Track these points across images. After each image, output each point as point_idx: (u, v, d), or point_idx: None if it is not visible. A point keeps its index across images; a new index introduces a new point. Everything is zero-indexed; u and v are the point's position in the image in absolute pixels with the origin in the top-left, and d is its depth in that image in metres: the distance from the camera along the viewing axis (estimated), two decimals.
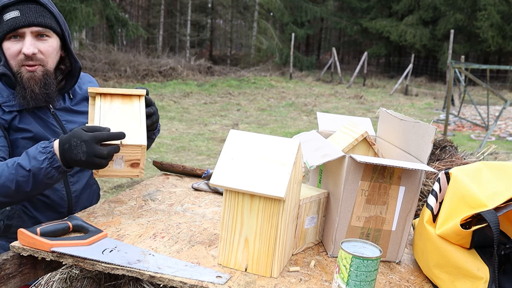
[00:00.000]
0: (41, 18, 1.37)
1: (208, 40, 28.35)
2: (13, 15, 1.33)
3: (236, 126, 8.69)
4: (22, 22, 1.34)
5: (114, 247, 1.10)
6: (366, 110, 11.47)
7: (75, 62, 1.53)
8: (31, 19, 1.36)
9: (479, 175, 1.05)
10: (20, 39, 1.37)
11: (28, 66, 1.39)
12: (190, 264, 1.07)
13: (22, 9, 1.34)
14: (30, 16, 1.35)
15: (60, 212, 1.52)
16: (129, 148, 1.29)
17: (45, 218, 1.47)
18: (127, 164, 1.34)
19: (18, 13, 1.33)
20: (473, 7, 20.16)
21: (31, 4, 1.36)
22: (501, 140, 8.59)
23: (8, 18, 1.34)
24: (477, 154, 2.04)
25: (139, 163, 1.35)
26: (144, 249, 1.12)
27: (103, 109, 1.33)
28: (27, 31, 1.36)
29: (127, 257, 1.06)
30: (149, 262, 1.04)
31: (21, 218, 1.44)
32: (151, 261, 1.05)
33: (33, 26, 1.36)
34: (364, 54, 17.98)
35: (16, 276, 1.10)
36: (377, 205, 1.15)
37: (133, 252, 1.09)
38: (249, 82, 15.92)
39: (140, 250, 1.11)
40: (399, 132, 1.33)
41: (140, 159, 1.35)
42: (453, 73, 8.29)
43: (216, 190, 1.65)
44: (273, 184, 0.98)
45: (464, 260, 0.98)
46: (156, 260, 1.06)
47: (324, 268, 1.12)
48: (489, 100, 10.90)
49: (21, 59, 1.38)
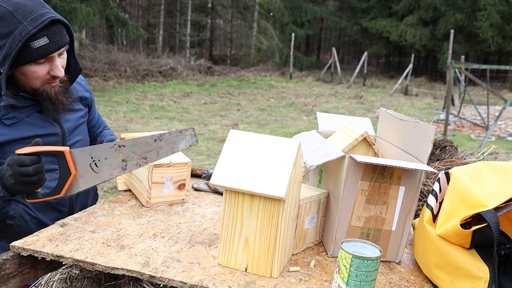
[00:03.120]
0: (64, 38, 1.39)
1: (208, 40, 28.35)
2: (43, 42, 1.32)
3: (236, 126, 8.69)
4: (53, 48, 1.35)
5: (91, 160, 1.20)
6: (366, 110, 11.47)
7: (76, 63, 1.54)
8: (59, 43, 1.37)
9: (479, 175, 1.05)
10: (46, 62, 1.38)
11: (52, 83, 1.42)
12: (157, 136, 1.24)
13: (50, 35, 1.33)
14: (58, 40, 1.36)
15: (62, 211, 1.52)
16: (177, 167, 1.42)
17: (47, 218, 1.48)
18: (175, 187, 1.45)
19: (47, 40, 1.33)
20: (473, 7, 20.15)
21: (54, 26, 1.35)
22: (501, 140, 8.59)
23: (38, 46, 1.32)
24: (477, 154, 2.04)
25: (185, 184, 1.47)
26: (112, 143, 1.23)
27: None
28: (55, 54, 1.38)
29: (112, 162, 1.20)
30: (131, 157, 1.23)
31: (23, 218, 1.44)
32: (129, 153, 1.22)
33: (60, 49, 1.39)
34: (364, 54, 17.97)
35: (16, 276, 1.10)
36: (377, 205, 1.15)
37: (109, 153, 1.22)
38: (249, 82, 15.92)
39: (110, 144, 1.22)
40: (399, 132, 1.33)
41: (186, 179, 1.46)
42: (453, 73, 8.29)
43: (216, 190, 1.65)
44: (273, 184, 0.98)
45: (464, 260, 0.98)
46: (131, 149, 1.21)
47: (324, 268, 1.12)
48: (489, 100, 10.90)
49: (47, 79, 1.40)
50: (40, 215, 1.47)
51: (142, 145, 1.25)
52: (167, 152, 1.28)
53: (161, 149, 1.27)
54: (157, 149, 1.27)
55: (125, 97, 11.02)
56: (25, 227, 1.45)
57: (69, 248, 1.09)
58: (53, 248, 1.08)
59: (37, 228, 1.44)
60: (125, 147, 1.24)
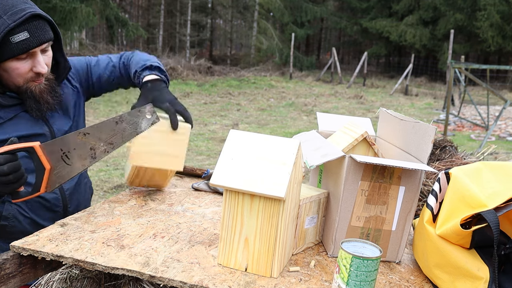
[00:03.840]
0: (46, 34, 1.36)
1: (208, 40, 28.35)
2: (23, 37, 1.29)
3: (236, 126, 8.69)
4: (34, 43, 1.32)
5: (61, 152, 1.19)
6: (366, 110, 11.47)
7: (65, 61, 1.51)
8: (41, 38, 1.33)
9: (479, 175, 1.05)
10: (28, 58, 1.35)
11: (36, 81, 1.39)
12: (118, 118, 1.24)
13: (30, 29, 1.30)
14: (39, 35, 1.33)
15: (55, 211, 1.51)
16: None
17: (40, 218, 1.47)
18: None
19: (27, 34, 1.30)
20: (473, 7, 20.15)
21: (36, 21, 1.32)
22: (501, 140, 8.59)
23: (18, 41, 1.29)
24: (477, 154, 2.04)
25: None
26: (77, 132, 1.21)
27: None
28: (37, 50, 1.35)
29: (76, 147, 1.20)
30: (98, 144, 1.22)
31: (17, 219, 1.44)
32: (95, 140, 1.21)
33: (42, 44, 1.35)
34: (364, 54, 17.97)
35: (16, 276, 1.10)
36: (377, 205, 1.15)
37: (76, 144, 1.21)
38: (249, 82, 15.92)
39: (74, 135, 1.20)
40: (399, 132, 1.33)
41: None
42: (453, 73, 8.29)
43: (216, 190, 1.65)
44: (273, 184, 0.98)
45: (464, 260, 0.98)
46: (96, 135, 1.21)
47: (324, 268, 1.12)
48: (489, 100, 10.89)
49: (31, 77, 1.38)
50: (34, 215, 1.47)
51: (106, 130, 1.23)
52: (131, 134, 1.26)
53: (125, 131, 1.26)
54: (121, 132, 1.25)
55: (125, 97, 11.02)
56: (20, 227, 1.44)
57: (69, 248, 1.09)
58: (53, 248, 1.08)
59: (32, 228, 1.43)
60: (90, 134, 1.22)
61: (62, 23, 12.17)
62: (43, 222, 1.46)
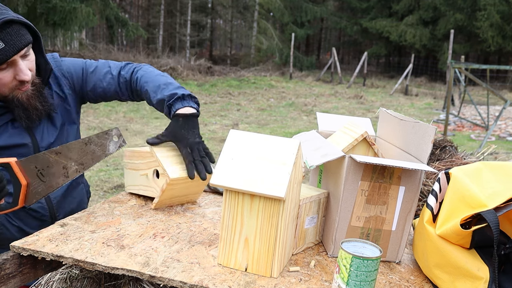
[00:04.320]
0: (23, 39, 1.28)
1: (208, 40, 28.35)
2: None
3: (236, 126, 8.68)
4: (10, 52, 1.25)
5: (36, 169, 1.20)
6: (366, 110, 11.47)
7: (46, 63, 1.43)
8: (18, 45, 1.26)
9: (479, 175, 1.05)
10: (8, 67, 1.28)
11: (22, 88, 1.34)
12: (86, 139, 1.27)
13: (4, 38, 1.23)
14: (15, 42, 1.25)
15: (43, 220, 1.49)
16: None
17: (28, 227, 1.46)
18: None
19: (2, 44, 1.22)
20: (473, 7, 20.15)
21: (9, 28, 1.24)
22: (501, 140, 8.59)
23: None
24: (477, 154, 2.04)
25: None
26: (49, 151, 1.22)
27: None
28: (17, 58, 1.28)
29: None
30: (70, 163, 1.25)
31: (5, 226, 1.43)
32: (66, 160, 1.24)
33: (20, 51, 1.28)
34: (364, 54, 17.97)
35: (16, 276, 1.10)
36: (377, 205, 1.15)
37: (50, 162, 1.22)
38: (249, 82, 15.92)
39: (46, 153, 1.21)
40: (399, 132, 1.33)
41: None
42: (453, 73, 8.29)
43: (216, 190, 1.66)
44: (273, 184, 0.98)
45: (464, 260, 0.98)
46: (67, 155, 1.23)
47: (324, 268, 1.12)
48: (489, 100, 10.90)
49: (15, 85, 1.32)
50: (21, 224, 1.46)
51: (76, 150, 1.26)
52: (100, 156, 1.29)
53: (94, 153, 1.29)
54: (91, 153, 1.28)
55: None
56: (8, 234, 1.43)
57: (69, 248, 1.09)
58: (53, 248, 1.08)
59: (20, 235, 1.42)
60: (62, 154, 1.24)
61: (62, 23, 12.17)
62: (30, 230, 1.45)
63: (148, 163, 1.41)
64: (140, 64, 1.62)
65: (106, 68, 1.58)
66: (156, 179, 1.40)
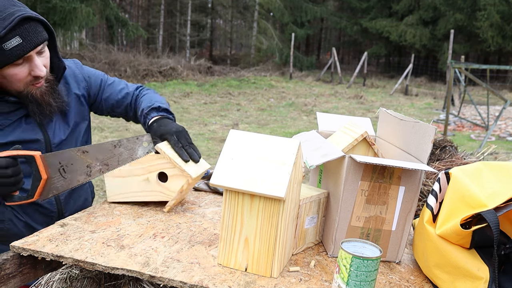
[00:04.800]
0: (40, 36, 1.31)
1: (208, 40, 28.35)
2: (16, 42, 1.25)
3: (236, 126, 8.68)
4: (28, 47, 1.28)
5: (59, 164, 1.22)
6: (366, 110, 11.47)
7: (59, 61, 1.46)
8: (35, 41, 1.29)
9: (479, 175, 1.05)
10: (25, 62, 1.31)
11: (36, 84, 1.36)
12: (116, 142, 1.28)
13: (22, 34, 1.26)
14: (32, 39, 1.28)
15: (50, 216, 1.50)
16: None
17: (35, 222, 1.47)
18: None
19: (20, 40, 1.25)
20: (473, 7, 20.15)
21: (27, 24, 1.27)
22: (501, 140, 8.59)
23: (11, 47, 1.24)
24: (477, 154, 2.04)
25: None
26: (77, 149, 1.25)
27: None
28: (33, 54, 1.31)
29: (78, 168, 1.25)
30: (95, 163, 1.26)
31: (12, 221, 1.44)
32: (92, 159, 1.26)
33: (37, 47, 1.31)
34: (364, 54, 17.97)
35: (16, 276, 1.10)
36: (377, 205, 1.15)
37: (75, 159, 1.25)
38: (249, 82, 15.92)
39: (74, 151, 1.24)
40: (399, 132, 1.33)
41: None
42: (453, 73, 8.29)
43: (216, 190, 1.66)
44: (273, 184, 0.98)
45: (464, 260, 0.98)
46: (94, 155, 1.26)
47: (324, 268, 1.12)
48: (489, 100, 10.90)
49: (30, 80, 1.35)
50: (28, 219, 1.46)
51: (104, 151, 1.28)
52: (126, 159, 1.31)
53: (121, 155, 1.30)
54: (118, 156, 1.30)
55: None
56: (15, 230, 1.44)
57: (69, 248, 1.09)
58: (53, 248, 1.08)
59: (27, 231, 1.43)
60: (89, 153, 1.27)
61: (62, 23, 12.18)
62: (37, 226, 1.46)
63: (149, 168, 1.40)
64: (149, 88, 1.75)
65: (122, 85, 1.70)
66: (160, 182, 1.40)
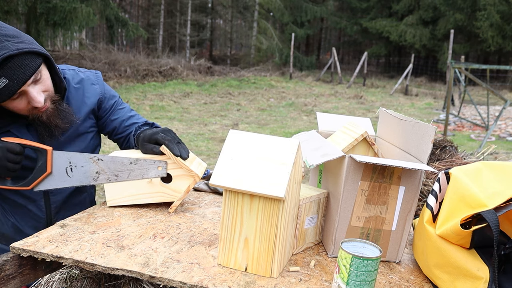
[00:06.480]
0: (28, 69, 1.23)
1: (208, 40, 28.36)
2: (2, 84, 1.19)
3: (236, 126, 8.68)
4: (16, 86, 1.22)
5: (69, 164, 1.26)
6: (366, 110, 11.47)
7: (60, 81, 1.41)
8: (22, 78, 1.22)
9: (479, 175, 1.05)
10: (21, 96, 1.28)
11: (41, 109, 1.33)
12: (134, 160, 1.30)
13: (7, 74, 1.20)
14: (19, 76, 1.21)
15: (39, 222, 1.50)
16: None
17: (23, 225, 1.47)
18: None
19: (6, 80, 1.19)
20: (473, 7, 20.15)
21: (10, 63, 1.20)
22: (501, 140, 8.58)
23: None
24: (477, 154, 2.04)
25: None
26: (92, 155, 1.28)
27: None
28: (25, 88, 1.25)
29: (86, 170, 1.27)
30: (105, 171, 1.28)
31: (0, 221, 1.44)
32: (104, 167, 1.28)
33: (26, 82, 1.24)
34: (364, 54, 17.97)
35: (16, 277, 1.10)
36: (377, 205, 1.15)
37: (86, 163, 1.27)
38: (249, 82, 15.92)
39: (88, 156, 1.27)
40: (399, 132, 1.33)
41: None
42: (453, 73, 8.29)
43: (216, 190, 1.65)
44: (272, 184, 0.98)
45: (464, 260, 0.98)
46: (107, 164, 1.28)
47: (324, 268, 1.12)
48: (489, 100, 10.90)
49: (33, 107, 1.32)
50: (16, 220, 1.46)
51: (118, 164, 1.31)
52: (137, 176, 1.33)
53: (133, 171, 1.32)
54: (130, 171, 1.32)
55: (125, 97, 11.02)
56: (2, 229, 1.45)
57: (69, 249, 1.09)
58: (53, 249, 1.08)
59: (14, 231, 1.44)
60: (103, 162, 1.29)
61: (62, 23, 12.18)
62: (25, 228, 1.46)
63: None
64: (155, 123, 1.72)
65: (132, 113, 1.66)
66: (164, 183, 1.40)
